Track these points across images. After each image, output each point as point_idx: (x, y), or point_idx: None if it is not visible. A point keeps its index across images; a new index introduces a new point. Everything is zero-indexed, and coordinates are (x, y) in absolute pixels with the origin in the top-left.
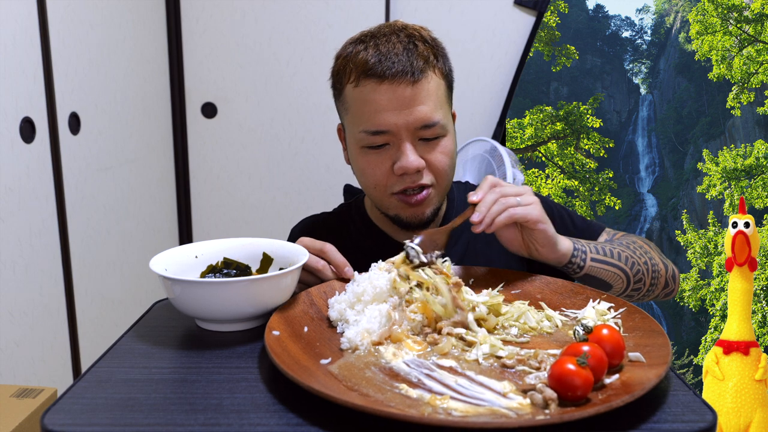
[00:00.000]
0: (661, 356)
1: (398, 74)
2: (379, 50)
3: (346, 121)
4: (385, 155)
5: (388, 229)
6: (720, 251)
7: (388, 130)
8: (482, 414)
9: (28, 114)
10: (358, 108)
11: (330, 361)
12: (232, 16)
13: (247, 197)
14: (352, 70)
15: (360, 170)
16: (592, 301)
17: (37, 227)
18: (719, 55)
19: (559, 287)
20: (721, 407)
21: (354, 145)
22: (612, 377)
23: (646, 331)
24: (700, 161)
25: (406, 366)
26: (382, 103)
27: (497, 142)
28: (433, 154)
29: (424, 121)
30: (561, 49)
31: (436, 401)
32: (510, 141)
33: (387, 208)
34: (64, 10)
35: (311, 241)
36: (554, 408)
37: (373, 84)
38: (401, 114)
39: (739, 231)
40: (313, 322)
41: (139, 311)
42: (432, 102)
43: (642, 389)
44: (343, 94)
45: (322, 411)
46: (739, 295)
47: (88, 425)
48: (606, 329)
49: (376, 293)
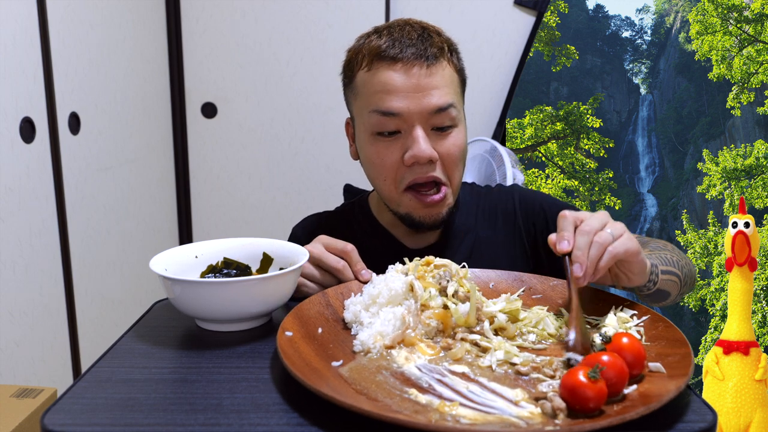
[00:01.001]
0: (682, 367)
1: (412, 56)
2: (393, 36)
3: (355, 107)
4: (395, 144)
5: (394, 230)
6: (720, 251)
7: (400, 113)
8: (491, 422)
9: (28, 114)
10: (370, 90)
11: (341, 364)
12: (232, 16)
13: (247, 197)
14: (364, 56)
15: (369, 160)
16: (615, 308)
17: (37, 227)
18: (719, 55)
19: (581, 292)
20: (721, 407)
21: (364, 132)
22: (630, 388)
23: (669, 341)
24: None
25: (417, 370)
26: (395, 83)
27: (497, 142)
28: (444, 146)
29: (438, 105)
30: (561, 49)
31: (445, 408)
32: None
33: (398, 206)
34: (64, 10)
35: (332, 240)
36: (563, 418)
37: (386, 65)
38: (414, 98)
39: (739, 231)
40: (328, 324)
41: (139, 311)
42: (446, 87)
43: (659, 402)
44: (353, 81)
45: (329, 413)
46: (739, 295)
47: (88, 425)
48: (626, 338)
49: (391, 296)
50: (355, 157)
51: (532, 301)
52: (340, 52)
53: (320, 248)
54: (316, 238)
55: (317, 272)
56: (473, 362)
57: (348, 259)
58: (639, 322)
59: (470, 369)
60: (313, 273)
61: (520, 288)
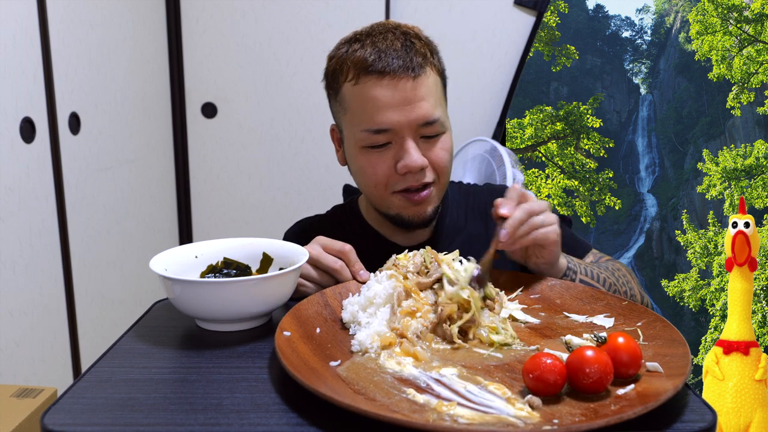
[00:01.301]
0: (679, 367)
1: (399, 69)
2: (377, 47)
3: (344, 121)
4: (386, 154)
5: (385, 231)
6: (720, 251)
7: (391, 128)
8: (488, 422)
9: (28, 114)
10: (359, 106)
11: (339, 364)
12: (232, 16)
13: (247, 197)
14: (350, 68)
15: (360, 170)
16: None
17: (37, 227)
18: (719, 55)
19: (579, 292)
20: (721, 407)
21: (353, 145)
22: (627, 387)
23: (666, 341)
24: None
25: (415, 370)
26: (384, 99)
27: (497, 142)
28: (434, 151)
29: (426, 118)
30: (561, 49)
31: (442, 407)
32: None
33: (388, 208)
34: (64, 10)
35: (330, 241)
36: (538, 405)
37: (373, 80)
38: (403, 111)
39: (739, 231)
40: (326, 324)
41: (139, 311)
42: (432, 98)
43: (656, 401)
44: (340, 93)
45: (327, 413)
46: (739, 295)
47: (88, 425)
48: (622, 337)
49: (388, 296)
50: (342, 163)
51: (530, 300)
52: None
53: (318, 249)
54: (313, 239)
55: (315, 273)
56: (469, 362)
57: (345, 259)
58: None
59: (466, 369)
60: (311, 273)
61: (518, 288)
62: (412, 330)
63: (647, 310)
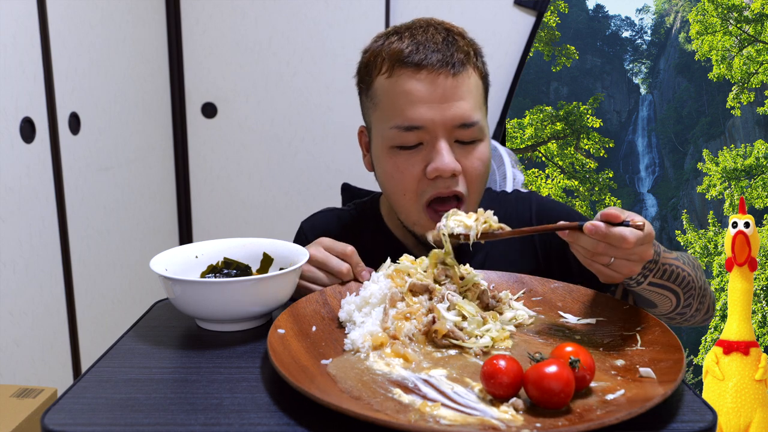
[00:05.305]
0: (672, 373)
1: (437, 64)
2: (416, 39)
3: (373, 118)
4: (416, 157)
5: (405, 240)
6: (720, 251)
7: (423, 125)
8: (470, 424)
9: (28, 114)
10: (391, 100)
11: (330, 362)
12: (232, 16)
13: (247, 197)
14: (384, 60)
15: (387, 174)
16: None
17: (37, 227)
18: (719, 55)
19: (581, 295)
20: (721, 407)
21: (381, 145)
22: (616, 393)
23: (663, 346)
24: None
25: (404, 371)
26: (419, 94)
27: (497, 142)
28: (469, 159)
29: (463, 119)
30: (561, 49)
31: (426, 408)
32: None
33: (414, 225)
34: (64, 10)
35: (332, 242)
36: (521, 408)
37: (409, 73)
38: (439, 108)
39: (739, 231)
40: (323, 322)
41: (139, 311)
42: (472, 99)
43: (642, 407)
44: (372, 87)
45: (315, 412)
46: (739, 295)
47: (88, 425)
48: (570, 347)
49: (383, 296)
50: (369, 169)
51: (531, 303)
52: (340, 52)
53: (323, 252)
54: (316, 240)
55: (321, 274)
56: (457, 363)
57: (349, 261)
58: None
59: (454, 370)
60: (316, 275)
61: (521, 290)
62: (404, 332)
63: (647, 314)
